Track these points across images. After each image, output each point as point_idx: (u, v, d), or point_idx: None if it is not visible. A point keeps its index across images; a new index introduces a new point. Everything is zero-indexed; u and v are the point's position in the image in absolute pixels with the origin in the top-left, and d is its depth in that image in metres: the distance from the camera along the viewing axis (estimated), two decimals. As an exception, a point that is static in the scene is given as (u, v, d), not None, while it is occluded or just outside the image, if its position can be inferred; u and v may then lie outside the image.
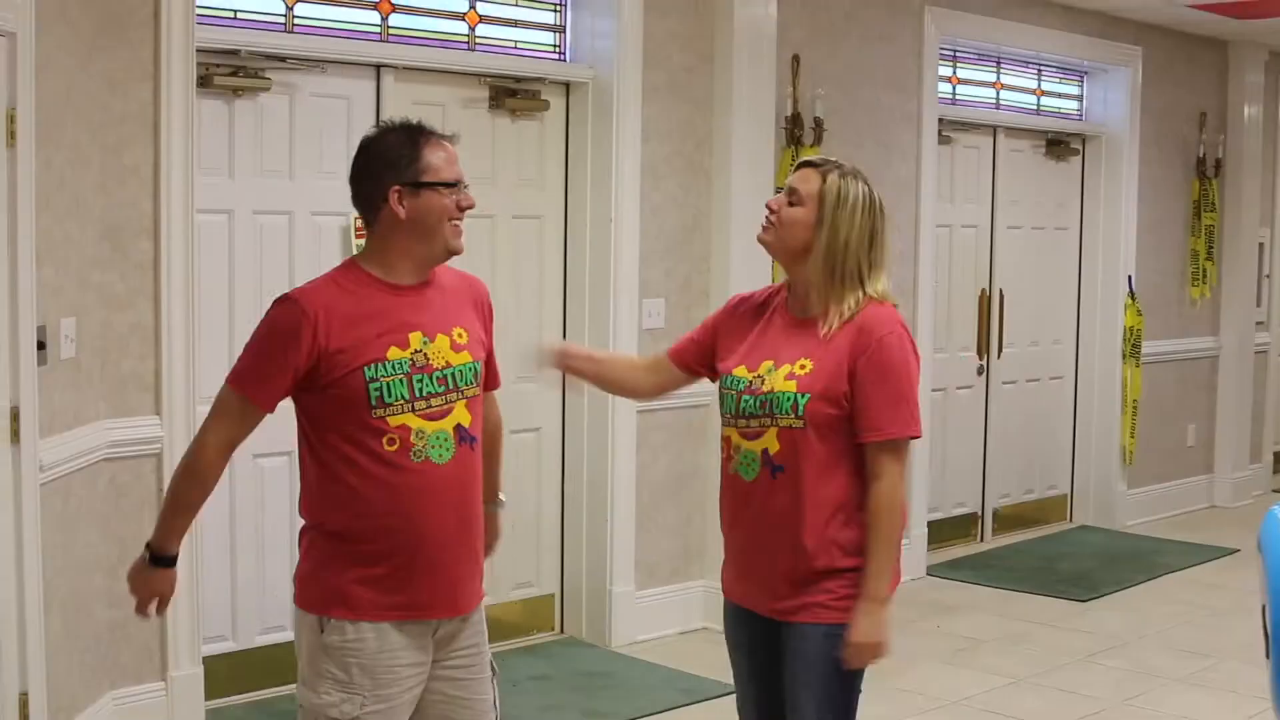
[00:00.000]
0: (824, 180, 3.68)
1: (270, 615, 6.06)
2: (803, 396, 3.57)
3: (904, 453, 3.62)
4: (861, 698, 3.76)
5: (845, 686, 3.69)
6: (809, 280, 3.67)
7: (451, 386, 3.51)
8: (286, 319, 3.42)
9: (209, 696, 5.72)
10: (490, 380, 3.74)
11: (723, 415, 3.76)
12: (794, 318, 3.72)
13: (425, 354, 3.48)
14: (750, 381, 3.67)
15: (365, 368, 3.41)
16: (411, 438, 3.44)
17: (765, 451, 3.63)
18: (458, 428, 3.51)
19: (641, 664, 6.66)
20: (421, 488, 3.45)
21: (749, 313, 3.84)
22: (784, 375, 3.61)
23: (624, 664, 6.68)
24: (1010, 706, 6.20)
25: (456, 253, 3.57)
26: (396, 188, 3.48)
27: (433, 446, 3.47)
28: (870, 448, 3.59)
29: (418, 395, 3.45)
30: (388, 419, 3.42)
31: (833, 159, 3.79)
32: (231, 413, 3.47)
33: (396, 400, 3.42)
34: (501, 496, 3.89)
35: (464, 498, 3.54)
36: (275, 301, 3.48)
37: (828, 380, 3.57)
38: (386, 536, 3.45)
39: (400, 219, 3.48)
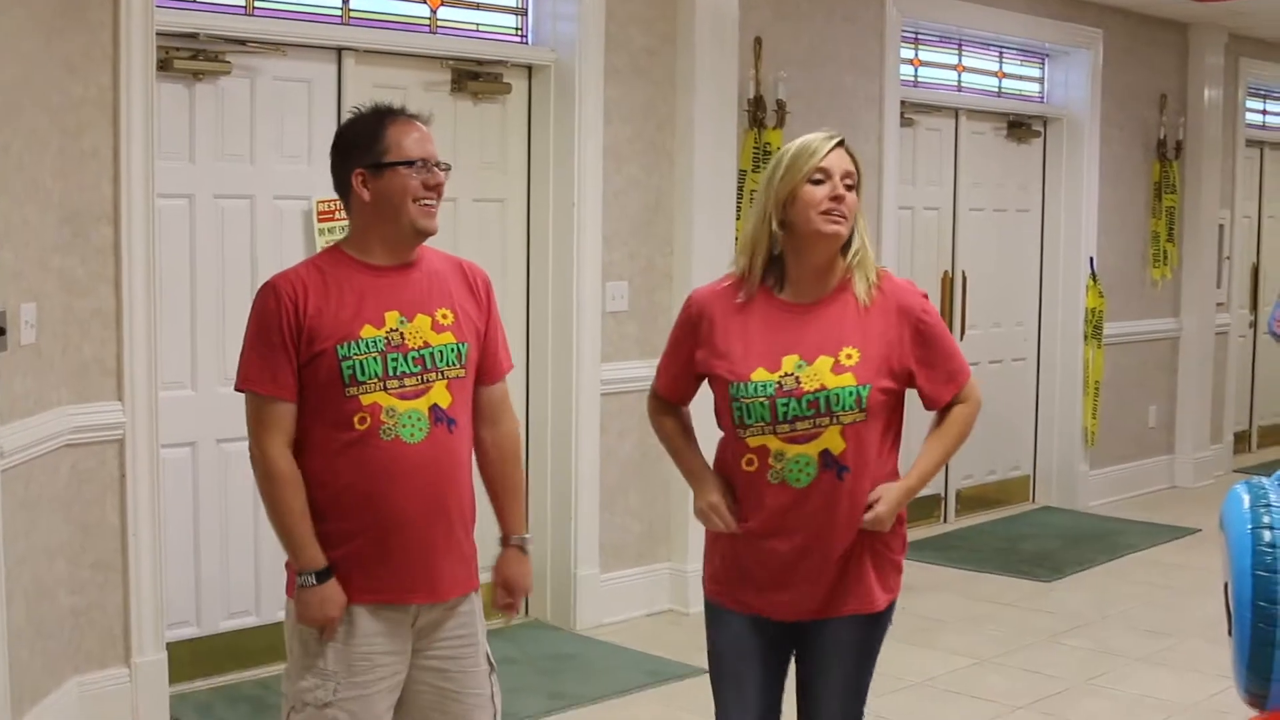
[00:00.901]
0: (854, 156, 3.60)
1: (234, 600, 6.05)
2: (864, 388, 3.47)
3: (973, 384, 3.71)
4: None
5: (872, 669, 3.72)
6: (831, 260, 3.56)
7: (429, 366, 3.48)
8: (266, 305, 3.46)
9: (173, 681, 5.70)
10: (493, 368, 3.69)
11: (747, 426, 3.52)
12: (799, 305, 3.57)
13: (401, 333, 3.46)
14: (780, 383, 3.49)
15: (338, 346, 3.41)
16: (382, 415, 3.41)
17: (826, 453, 3.48)
18: (434, 408, 3.47)
19: (607, 646, 6.66)
20: (388, 465, 3.42)
21: (724, 311, 3.63)
22: (829, 369, 3.48)
23: (590, 646, 6.68)
24: (974, 686, 6.23)
25: (428, 233, 3.55)
26: (359, 170, 3.50)
27: (404, 425, 3.43)
28: (955, 398, 3.66)
29: (390, 374, 3.43)
30: (360, 398, 3.41)
31: (836, 132, 3.66)
32: (263, 416, 3.47)
33: (370, 379, 3.41)
34: (525, 535, 3.81)
35: (438, 479, 3.49)
36: (258, 291, 3.52)
37: (881, 363, 3.50)
38: (355, 515, 3.44)
39: (365, 201, 3.50)
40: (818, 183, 3.53)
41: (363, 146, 3.51)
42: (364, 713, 3.49)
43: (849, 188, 3.54)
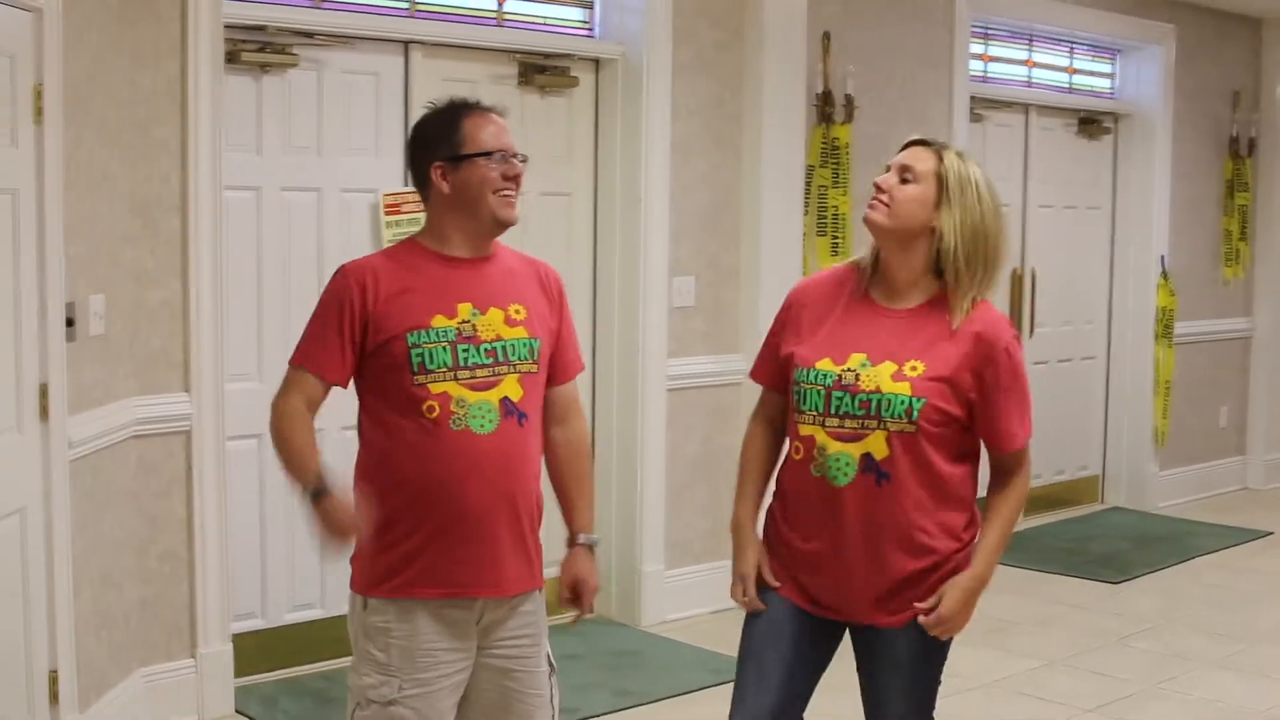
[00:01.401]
0: (940, 159, 3.49)
1: (300, 593, 6.06)
2: (918, 401, 3.37)
3: (1028, 453, 3.58)
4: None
5: (937, 677, 3.65)
6: (915, 268, 3.49)
7: (501, 359, 3.48)
8: (336, 288, 3.49)
9: (238, 674, 5.71)
10: (564, 368, 3.69)
11: (800, 411, 3.50)
12: (882, 307, 3.52)
13: (474, 324, 3.47)
14: (840, 376, 3.43)
15: (408, 334, 3.41)
16: (452, 405, 3.41)
17: (868, 456, 3.41)
18: (504, 400, 3.46)
19: (671, 643, 6.63)
20: (457, 455, 3.41)
21: (820, 298, 3.61)
22: (890, 375, 3.40)
23: (654, 644, 6.65)
24: (1043, 688, 6.16)
25: (508, 223, 3.56)
26: (438, 163, 3.50)
27: (474, 416, 3.42)
28: (1003, 457, 3.54)
29: (461, 364, 3.42)
30: (429, 386, 3.40)
31: (939, 140, 3.60)
32: (291, 383, 3.52)
33: (439, 367, 3.41)
34: (593, 536, 3.78)
35: (507, 471, 3.47)
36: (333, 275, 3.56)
37: (944, 385, 3.40)
38: (422, 504, 3.42)
39: (445, 194, 3.50)
40: (885, 172, 3.57)
41: (440, 140, 3.52)
42: (428, 710, 3.47)
43: (905, 181, 3.49)
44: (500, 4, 6.58)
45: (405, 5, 6.27)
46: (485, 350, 3.45)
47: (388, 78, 6.21)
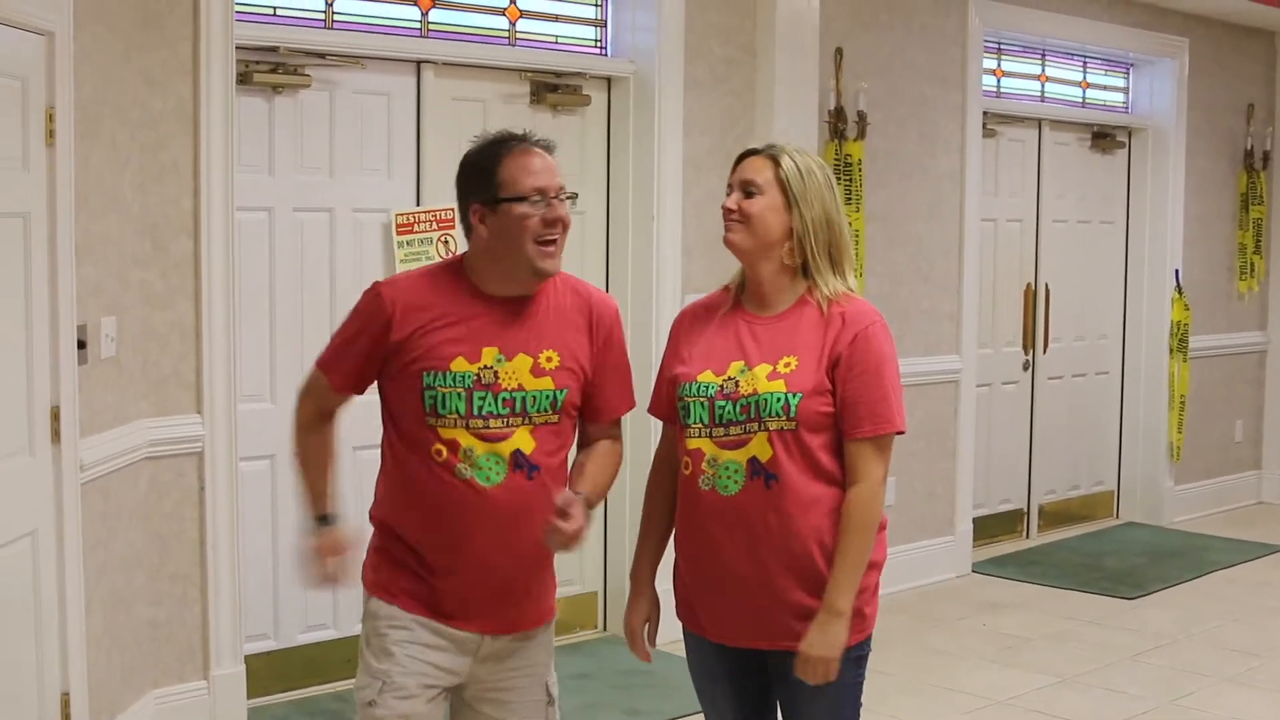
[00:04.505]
0: (777, 163, 3.44)
1: (312, 613, 6.05)
2: (794, 396, 3.32)
3: (888, 451, 3.40)
4: (906, 696, 3.72)
5: (856, 706, 3.53)
6: (780, 273, 3.44)
7: (518, 410, 3.34)
8: (366, 306, 3.42)
9: (251, 695, 5.71)
10: (601, 409, 3.55)
11: (688, 426, 3.43)
12: (757, 316, 3.48)
13: (496, 372, 3.33)
14: (722, 385, 3.39)
15: (425, 374, 3.32)
16: (460, 454, 3.31)
17: (754, 460, 3.35)
18: (515, 454, 3.33)
19: (683, 662, 6.57)
20: (460, 506, 3.32)
21: (697, 319, 3.59)
22: (765, 375, 3.36)
23: (666, 662, 6.58)
24: (1056, 706, 6.14)
25: (546, 275, 3.38)
26: (476, 205, 3.37)
27: (479, 467, 3.32)
28: (854, 445, 3.36)
29: (474, 413, 3.31)
30: (439, 429, 3.32)
31: (772, 142, 3.57)
32: (310, 388, 3.52)
33: (450, 413, 3.31)
34: (580, 491, 3.43)
35: (511, 525, 3.34)
36: (367, 289, 3.48)
37: (816, 375, 3.34)
38: (429, 544, 3.38)
39: (483, 237, 3.37)
40: (729, 194, 3.53)
41: (479, 179, 3.37)
42: (411, 715, 3.40)
43: (748, 194, 3.45)
44: (512, 23, 6.59)
45: (417, 25, 6.28)
46: (503, 400, 3.33)
47: (400, 98, 6.21)
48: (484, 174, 3.35)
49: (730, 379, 3.39)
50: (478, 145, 3.45)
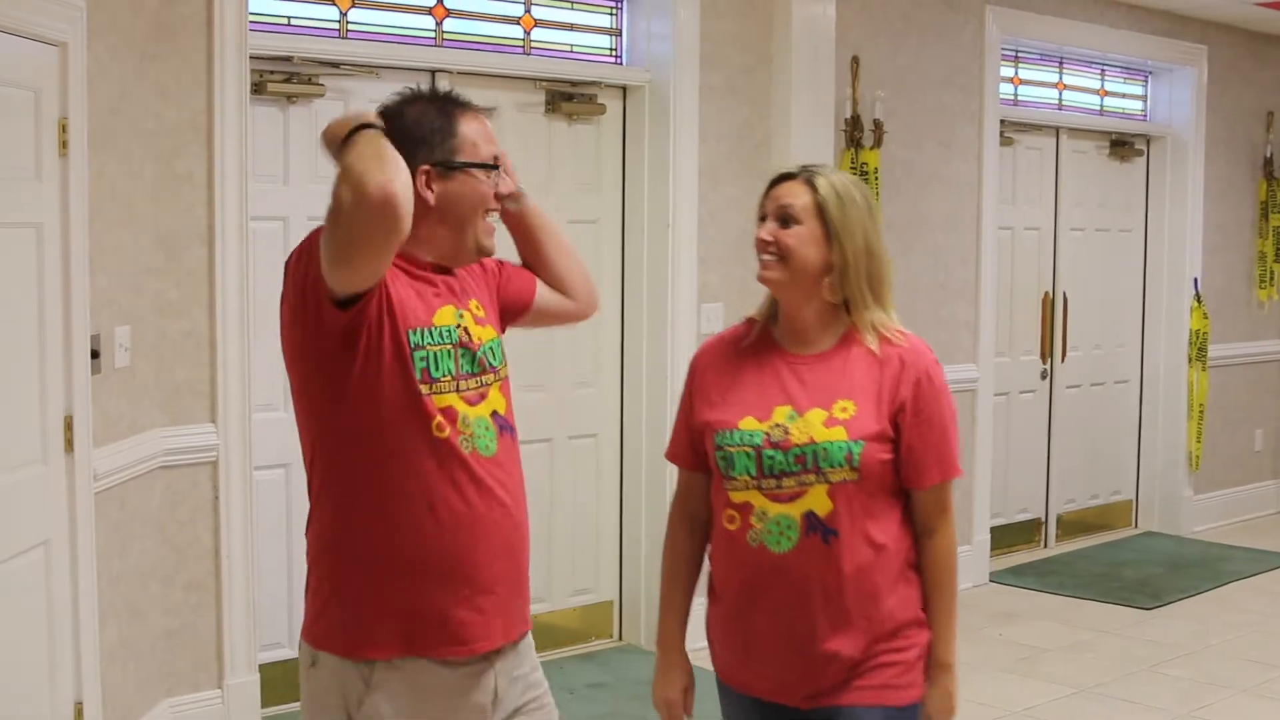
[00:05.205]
0: (815, 188, 3.15)
1: (326, 623, 6.04)
2: (856, 444, 3.06)
3: (951, 494, 3.20)
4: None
5: None
6: (821, 309, 3.17)
7: (488, 366, 3.03)
8: None
9: (265, 704, 5.71)
10: (524, 291, 3.29)
11: (730, 478, 3.14)
12: (799, 355, 3.20)
13: (465, 328, 3.00)
14: (768, 433, 3.10)
15: (410, 331, 2.90)
16: (458, 424, 2.92)
17: (810, 515, 3.08)
18: (495, 414, 3.02)
19: (699, 672, 6.57)
20: (471, 484, 2.93)
21: (723, 357, 3.30)
22: (820, 421, 3.09)
23: (682, 672, 6.60)
24: (1073, 716, 6.12)
25: (487, 254, 3.09)
26: (425, 167, 2.94)
27: (479, 435, 2.96)
28: (924, 495, 3.17)
29: (462, 372, 2.96)
30: (434, 398, 2.91)
31: (806, 165, 3.26)
32: None
33: (444, 375, 2.93)
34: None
35: (513, 498, 3.03)
36: None
37: (879, 422, 3.10)
38: (429, 547, 2.92)
39: (429, 205, 2.95)
40: (761, 221, 3.23)
41: (433, 138, 2.95)
42: None
43: (784, 222, 3.16)
44: (527, 32, 6.59)
45: (432, 34, 6.28)
46: (479, 358, 3.00)
47: (414, 107, 6.20)
48: (439, 134, 2.97)
49: (778, 426, 3.12)
50: (417, 98, 3.03)
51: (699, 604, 3.35)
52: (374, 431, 2.91)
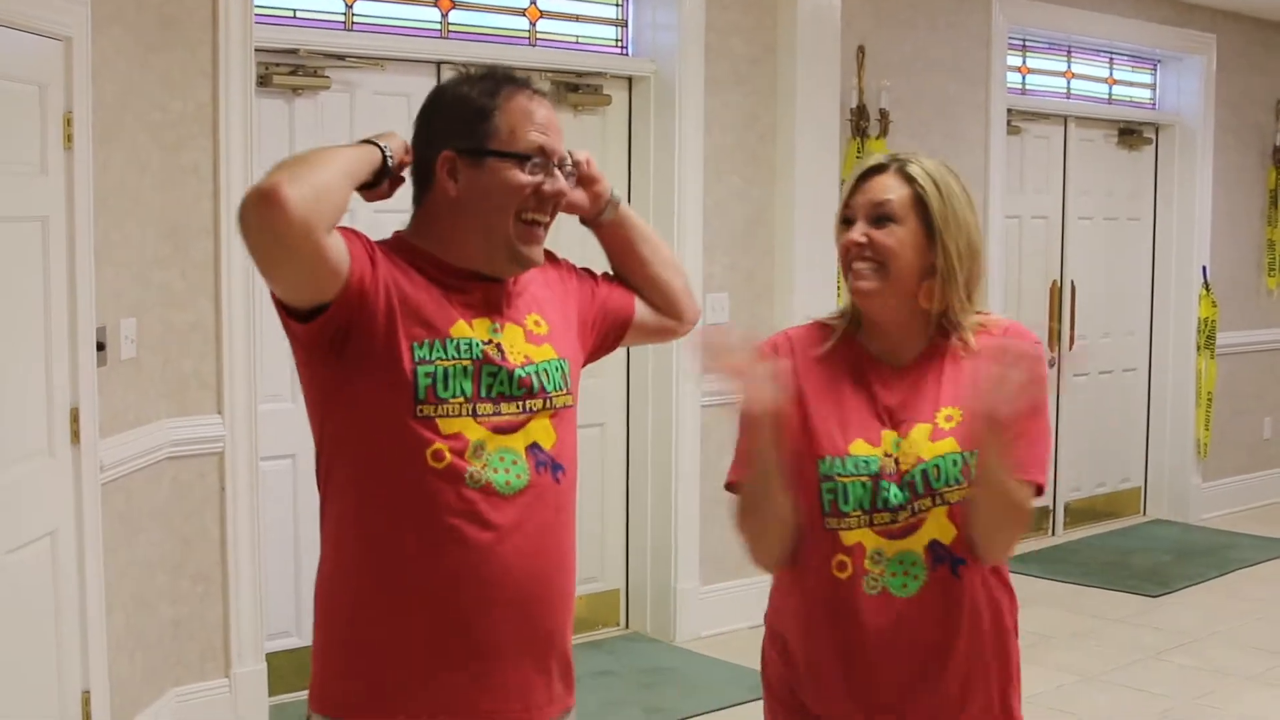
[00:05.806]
0: (910, 180, 2.70)
1: (334, 612, 6.07)
2: (970, 455, 2.60)
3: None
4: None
5: None
6: (916, 313, 2.72)
7: (536, 390, 2.59)
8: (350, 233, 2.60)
9: (273, 693, 5.75)
10: (626, 305, 2.88)
11: (842, 514, 2.66)
12: (889, 366, 2.74)
13: (498, 344, 2.56)
14: (883, 462, 2.65)
15: (415, 345, 2.49)
16: (468, 454, 2.50)
17: (934, 545, 2.65)
18: (533, 448, 2.59)
19: (706, 660, 6.63)
20: (475, 526, 2.52)
21: (807, 370, 2.75)
22: (925, 437, 2.66)
23: (688, 660, 6.65)
24: (1079, 704, 6.14)
25: (527, 264, 2.63)
26: (448, 153, 2.55)
27: (495, 468, 2.53)
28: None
29: (484, 395, 2.53)
30: (438, 421, 2.49)
31: (896, 153, 2.81)
32: None
33: (454, 396, 2.50)
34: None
35: (540, 550, 2.57)
36: None
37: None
38: (423, 603, 2.55)
39: (450, 196, 2.56)
40: (847, 223, 2.75)
41: (465, 121, 2.54)
42: None
43: (879, 222, 2.70)
44: (533, 23, 6.60)
45: (437, 26, 6.30)
46: (519, 379, 2.58)
47: (420, 99, 6.09)
48: (475, 116, 2.55)
49: (889, 454, 2.66)
50: (463, 79, 2.65)
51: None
52: (358, 459, 2.57)
